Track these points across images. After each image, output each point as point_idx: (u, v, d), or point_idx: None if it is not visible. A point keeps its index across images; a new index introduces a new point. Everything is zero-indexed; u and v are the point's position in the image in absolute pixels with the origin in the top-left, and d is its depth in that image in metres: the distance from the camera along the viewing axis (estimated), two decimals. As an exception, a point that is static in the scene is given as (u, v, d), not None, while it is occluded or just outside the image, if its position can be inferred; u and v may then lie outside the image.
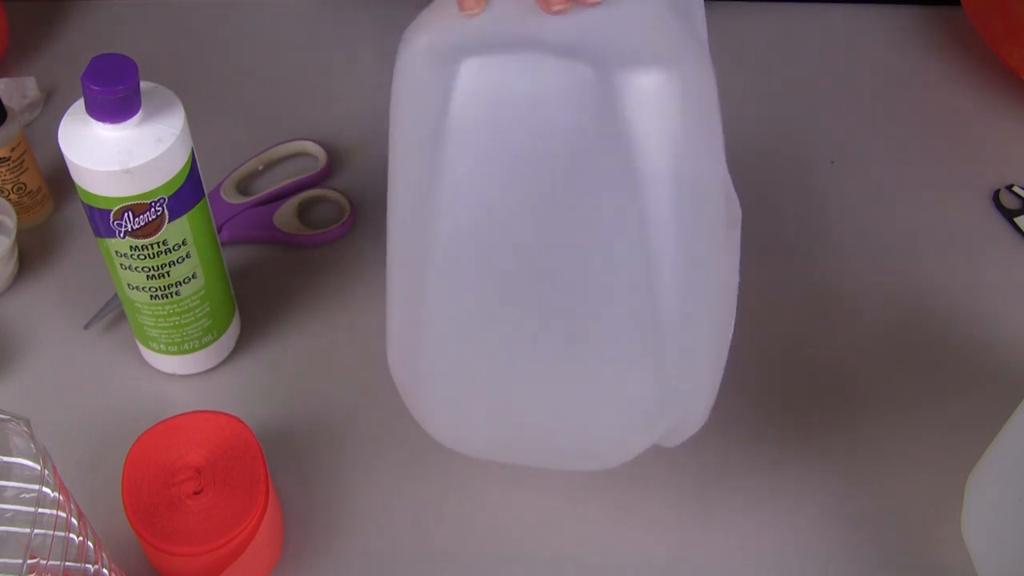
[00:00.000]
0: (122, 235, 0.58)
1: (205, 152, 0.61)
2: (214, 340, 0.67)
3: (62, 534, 0.47)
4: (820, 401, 0.67)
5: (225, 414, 0.60)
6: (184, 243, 0.60)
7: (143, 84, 0.56)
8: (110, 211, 0.57)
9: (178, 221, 0.59)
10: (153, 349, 0.66)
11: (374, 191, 0.79)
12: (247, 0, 0.93)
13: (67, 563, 0.47)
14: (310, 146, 0.81)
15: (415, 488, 0.63)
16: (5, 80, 0.84)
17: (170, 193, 0.58)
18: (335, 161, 0.81)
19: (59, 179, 0.77)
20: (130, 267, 0.60)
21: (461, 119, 0.46)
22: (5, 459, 0.46)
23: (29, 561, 0.44)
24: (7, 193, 0.73)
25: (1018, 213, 0.78)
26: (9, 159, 0.72)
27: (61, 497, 0.47)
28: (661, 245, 0.48)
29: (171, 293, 0.62)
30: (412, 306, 0.52)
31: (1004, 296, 0.73)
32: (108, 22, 0.91)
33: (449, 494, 0.63)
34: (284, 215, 0.76)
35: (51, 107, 0.84)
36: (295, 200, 0.77)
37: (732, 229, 0.54)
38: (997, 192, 0.79)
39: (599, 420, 0.54)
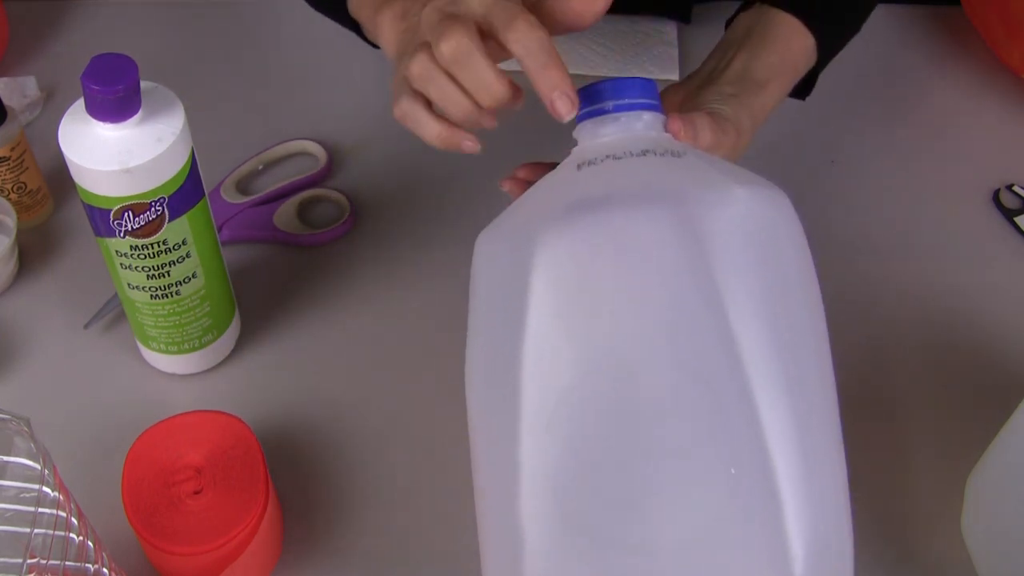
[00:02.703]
0: (122, 235, 0.58)
1: (205, 152, 0.61)
2: (214, 340, 0.67)
3: (62, 534, 0.47)
4: (820, 401, 0.67)
5: (225, 414, 0.60)
6: (184, 243, 0.60)
7: (143, 84, 0.56)
8: (110, 211, 0.57)
9: (178, 221, 0.59)
10: (153, 349, 0.66)
11: (374, 191, 0.79)
12: (247, 0, 0.93)
13: (67, 563, 0.47)
14: (310, 146, 0.81)
15: (415, 487, 0.63)
16: (5, 80, 0.84)
17: (170, 193, 0.58)
18: (335, 161, 0.81)
19: (59, 179, 0.77)
20: (130, 267, 0.60)
21: (542, 298, 0.45)
22: (5, 459, 0.46)
23: (29, 561, 0.44)
24: (7, 193, 0.73)
25: (1018, 213, 0.78)
26: (9, 159, 0.72)
27: (61, 497, 0.47)
28: (766, 401, 0.44)
29: (171, 293, 0.62)
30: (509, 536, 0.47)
31: (1004, 296, 0.73)
32: (108, 22, 0.91)
33: (450, 494, 0.63)
34: (284, 215, 0.76)
35: (51, 107, 0.84)
36: (295, 200, 0.77)
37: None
38: (997, 192, 0.79)
39: None
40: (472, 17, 0.51)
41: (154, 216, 0.58)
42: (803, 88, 0.68)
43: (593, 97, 0.51)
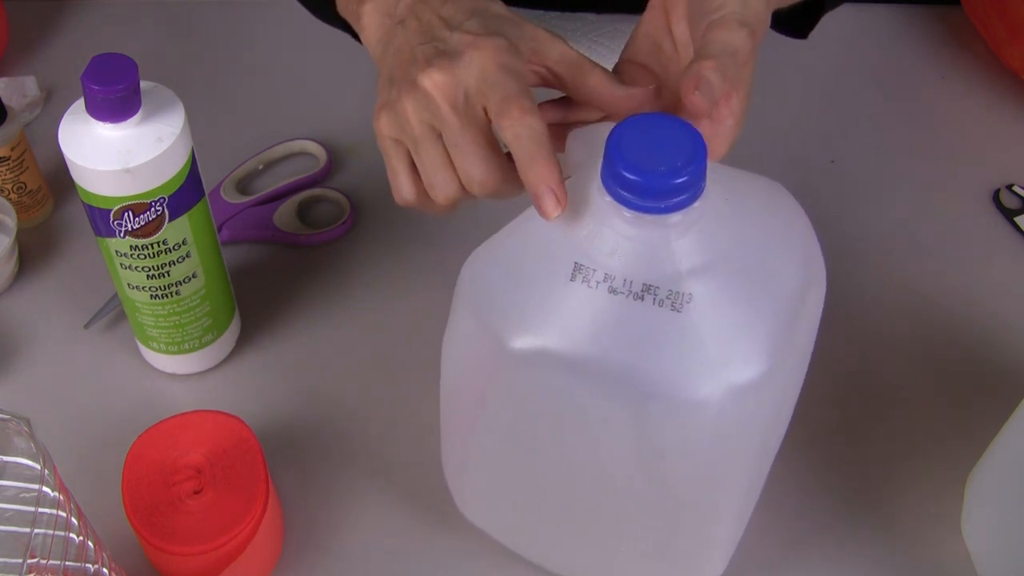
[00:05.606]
0: (122, 235, 0.58)
1: (205, 152, 0.61)
2: (214, 340, 0.67)
3: (62, 534, 0.47)
4: (820, 401, 0.67)
5: (225, 414, 0.60)
6: (184, 243, 0.60)
7: (143, 84, 0.56)
8: (110, 211, 0.57)
9: (178, 221, 0.59)
10: (153, 349, 0.66)
11: (374, 191, 0.78)
12: (247, 0, 0.93)
13: (67, 563, 0.47)
14: (310, 146, 0.81)
15: (415, 487, 0.63)
16: (5, 80, 0.84)
17: (170, 193, 0.58)
18: (335, 161, 0.81)
19: (59, 179, 0.77)
20: (130, 267, 0.60)
21: (508, 387, 0.49)
22: (5, 459, 0.46)
23: (29, 560, 0.44)
24: (7, 192, 0.73)
25: (1018, 213, 0.78)
26: (9, 158, 0.72)
27: (61, 497, 0.47)
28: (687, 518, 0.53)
29: (171, 293, 0.62)
30: (463, 441, 0.57)
31: (1004, 296, 0.73)
32: (108, 22, 0.91)
33: (450, 493, 0.63)
34: (284, 215, 0.76)
35: (51, 107, 0.84)
36: (295, 200, 0.77)
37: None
38: (997, 192, 0.79)
39: None
40: (464, 87, 0.49)
41: (154, 216, 0.58)
42: (804, 20, 0.63)
43: (625, 182, 0.43)
